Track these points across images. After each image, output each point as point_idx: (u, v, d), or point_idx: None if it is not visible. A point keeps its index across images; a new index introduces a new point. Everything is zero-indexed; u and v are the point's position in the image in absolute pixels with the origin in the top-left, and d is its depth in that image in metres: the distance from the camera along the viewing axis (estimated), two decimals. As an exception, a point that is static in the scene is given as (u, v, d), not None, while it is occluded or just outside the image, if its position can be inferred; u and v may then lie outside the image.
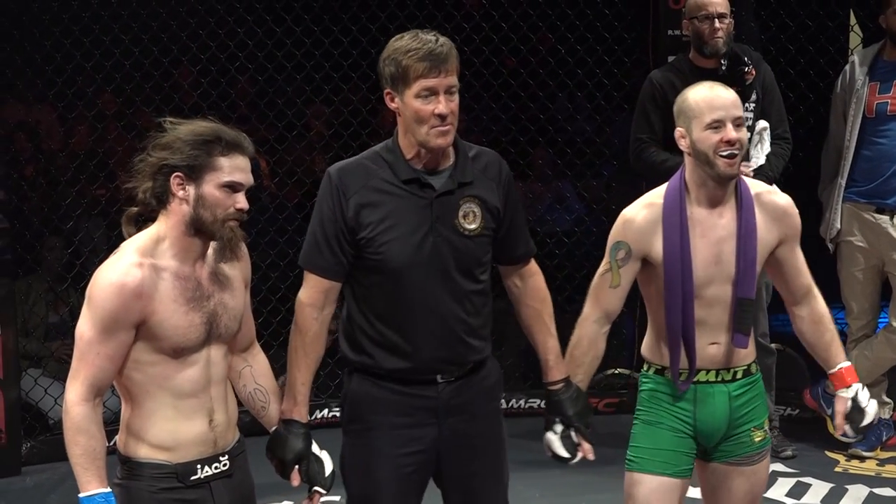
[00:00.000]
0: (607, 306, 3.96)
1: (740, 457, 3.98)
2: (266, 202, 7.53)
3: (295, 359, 3.73)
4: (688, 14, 6.03)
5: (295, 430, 3.70)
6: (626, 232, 3.91)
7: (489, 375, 3.87)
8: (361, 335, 3.75)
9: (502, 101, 7.60)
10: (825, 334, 4.04)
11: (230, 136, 3.36)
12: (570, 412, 3.88)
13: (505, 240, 3.82)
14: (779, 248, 3.96)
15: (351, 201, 3.65)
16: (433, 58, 3.54)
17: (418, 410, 3.75)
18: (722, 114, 3.78)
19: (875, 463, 6.38)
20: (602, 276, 3.95)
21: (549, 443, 3.90)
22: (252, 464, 3.66)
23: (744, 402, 3.97)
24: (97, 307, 3.28)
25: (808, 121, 7.21)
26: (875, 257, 6.34)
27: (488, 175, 3.76)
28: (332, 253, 3.67)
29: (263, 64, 7.19)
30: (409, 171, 3.66)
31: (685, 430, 3.95)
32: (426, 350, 3.70)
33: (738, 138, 3.77)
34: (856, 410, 3.97)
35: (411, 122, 3.61)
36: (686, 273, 3.84)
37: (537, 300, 3.91)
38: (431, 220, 3.65)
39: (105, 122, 7.19)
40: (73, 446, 3.28)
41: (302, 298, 3.73)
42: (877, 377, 6.44)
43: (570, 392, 3.90)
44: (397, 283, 3.66)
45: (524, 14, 7.38)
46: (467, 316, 3.73)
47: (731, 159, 3.78)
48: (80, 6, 6.72)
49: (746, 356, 3.98)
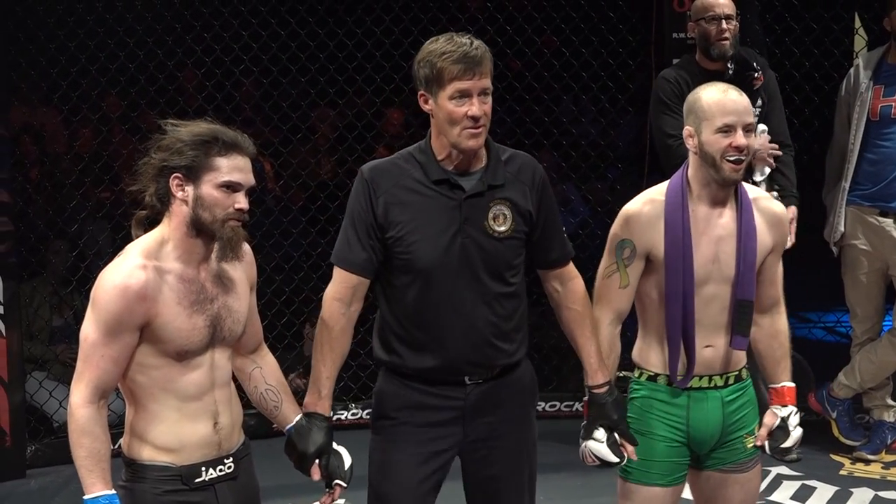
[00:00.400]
0: (619, 307, 3.95)
1: (734, 464, 3.97)
2: (271, 205, 7.53)
3: (320, 353, 3.73)
4: (694, 16, 6.03)
5: (318, 424, 3.69)
6: (630, 228, 3.89)
7: (521, 378, 3.87)
8: (391, 334, 3.76)
9: (507, 103, 7.60)
10: (778, 350, 4.05)
11: (228, 137, 3.36)
12: (615, 416, 3.87)
13: (539, 243, 3.82)
14: (768, 256, 3.97)
15: (381, 199, 3.66)
16: (468, 60, 3.56)
17: (444, 411, 3.75)
18: (734, 119, 3.77)
19: (880, 466, 6.37)
20: (609, 278, 3.93)
21: (595, 451, 3.85)
22: (257, 466, 3.66)
23: (736, 407, 3.96)
24: (101, 309, 3.28)
25: (812, 124, 7.21)
26: (879, 260, 6.33)
27: (521, 178, 3.76)
28: (362, 249, 3.68)
29: (268, 67, 7.20)
30: (440, 172, 3.67)
31: (678, 438, 3.93)
32: (453, 351, 3.70)
33: (746, 145, 3.77)
34: (781, 430, 3.96)
35: (444, 124, 3.63)
36: (687, 269, 3.83)
37: (578, 303, 3.89)
38: (460, 221, 3.66)
39: (110, 124, 7.21)
40: (78, 448, 3.28)
41: (330, 294, 3.74)
42: (881, 380, 6.43)
43: (614, 396, 3.89)
44: (425, 284, 3.67)
45: (529, 17, 7.40)
46: (496, 318, 3.73)
47: (738, 164, 3.77)
48: (84, 9, 6.73)
49: (738, 361, 3.97)
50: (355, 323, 3.76)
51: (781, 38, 7.13)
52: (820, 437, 6.60)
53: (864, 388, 6.46)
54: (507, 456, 3.85)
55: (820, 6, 7.07)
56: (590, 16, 7.31)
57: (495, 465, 3.83)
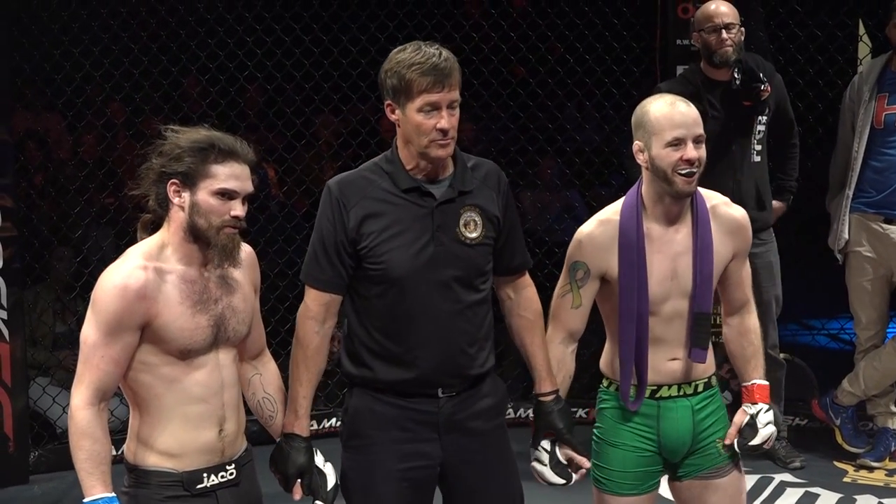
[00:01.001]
0: (570, 326, 3.95)
1: (710, 469, 3.96)
2: (274, 211, 7.54)
3: (296, 372, 3.72)
4: (696, 27, 6.06)
5: (296, 445, 3.69)
6: (583, 251, 3.88)
7: (493, 392, 3.86)
8: (361, 347, 3.73)
9: (511, 110, 7.61)
10: (748, 348, 4.05)
11: (225, 144, 3.37)
12: (561, 425, 3.87)
13: (503, 250, 3.81)
14: (731, 262, 3.96)
15: (352, 213, 3.65)
16: (437, 73, 3.54)
17: (419, 425, 3.72)
18: (683, 132, 3.74)
19: (884, 473, 6.36)
20: (563, 298, 3.93)
21: (539, 473, 3.89)
22: (259, 473, 3.66)
23: (706, 414, 3.96)
24: (101, 310, 3.29)
25: (816, 131, 7.21)
26: (883, 267, 6.33)
27: (488, 184, 3.76)
28: (331, 266, 3.67)
29: (272, 73, 7.20)
30: (410, 181, 3.66)
31: (649, 447, 3.93)
32: (427, 361, 3.67)
33: (697, 157, 3.74)
34: (750, 427, 3.95)
35: (412, 134, 3.61)
36: (641, 290, 3.82)
37: (530, 311, 3.90)
38: (433, 228, 3.65)
39: (114, 130, 7.21)
40: (78, 450, 3.29)
41: (303, 312, 3.73)
42: (885, 387, 6.43)
43: (561, 404, 3.90)
44: (398, 293, 3.65)
45: (533, 24, 7.39)
46: (469, 326, 3.72)
47: (690, 177, 3.75)
48: (89, 15, 6.74)
49: (706, 369, 3.97)
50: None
51: (785, 46, 7.12)
52: (823, 444, 6.61)
53: (867, 395, 6.45)
54: (489, 469, 3.82)
55: (824, 13, 7.07)
56: (594, 22, 7.31)
57: (478, 479, 3.80)
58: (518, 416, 7.03)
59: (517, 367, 6.71)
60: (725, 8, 5.97)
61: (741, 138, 6.03)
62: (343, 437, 3.84)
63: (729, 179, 5.87)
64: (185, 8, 6.96)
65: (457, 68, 3.59)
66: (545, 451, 3.86)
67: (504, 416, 3.97)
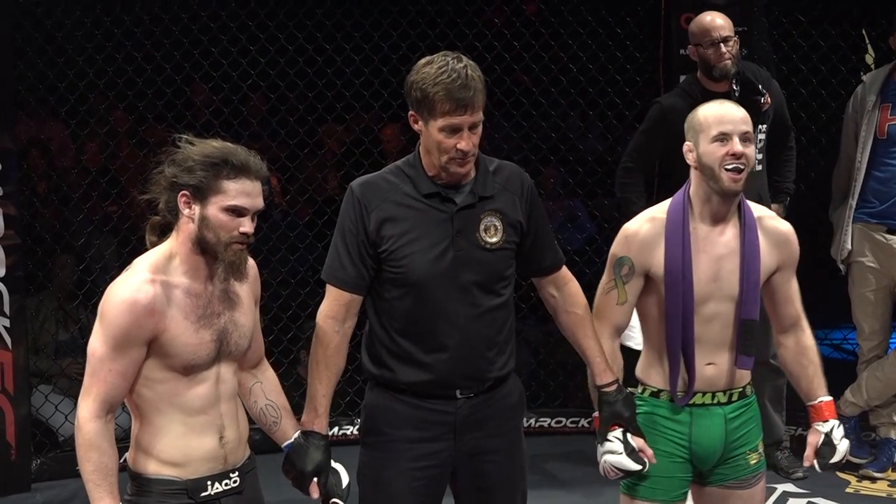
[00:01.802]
0: (617, 322, 3.95)
1: (737, 480, 3.96)
2: (277, 220, 7.54)
3: (316, 371, 3.72)
4: (692, 40, 6.02)
5: (315, 442, 3.69)
6: (629, 246, 3.90)
7: (510, 394, 3.86)
8: (381, 348, 3.75)
9: (514, 119, 7.61)
10: (809, 367, 4.03)
11: (238, 160, 3.36)
12: (627, 413, 3.85)
13: (532, 251, 3.82)
14: (775, 275, 3.96)
15: (373, 215, 3.66)
16: (461, 97, 3.52)
17: (435, 425, 3.74)
18: (730, 127, 3.78)
19: (886, 484, 6.36)
20: (608, 294, 3.94)
21: (616, 464, 3.82)
22: (263, 481, 3.66)
23: (739, 424, 3.95)
24: (109, 324, 3.29)
25: (819, 141, 7.22)
26: (886, 278, 6.33)
27: (510, 188, 3.77)
28: (353, 266, 3.68)
29: (276, 82, 7.20)
30: (431, 186, 3.67)
31: (681, 454, 3.92)
32: (445, 364, 3.69)
33: (743, 152, 3.76)
34: (827, 445, 3.95)
35: (433, 149, 3.63)
36: (687, 288, 3.82)
37: (577, 306, 3.90)
38: (452, 233, 3.66)
39: (117, 139, 7.21)
40: (86, 462, 3.29)
41: (323, 311, 3.74)
42: (888, 398, 6.42)
43: (623, 394, 3.88)
44: (418, 297, 3.66)
45: (537, 32, 7.39)
46: (488, 330, 3.73)
47: (737, 174, 3.77)
48: (92, 23, 6.74)
49: (742, 378, 3.96)
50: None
51: (789, 55, 7.13)
52: (826, 454, 6.59)
53: (870, 405, 6.44)
54: (501, 470, 3.84)
55: (827, 23, 7.07)
56: (597, 32, 7.31)
57: (489, 479, 3.82)
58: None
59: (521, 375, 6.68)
60: (721, 20, 5.92)
61: None
62: (361, 433, 3.88)
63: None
64: (188, 17, 6.97)
65: (481, 88, 3.58)
66: (618, 440, 3.82)
67: (521, 418, 3.98)
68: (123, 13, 6.81)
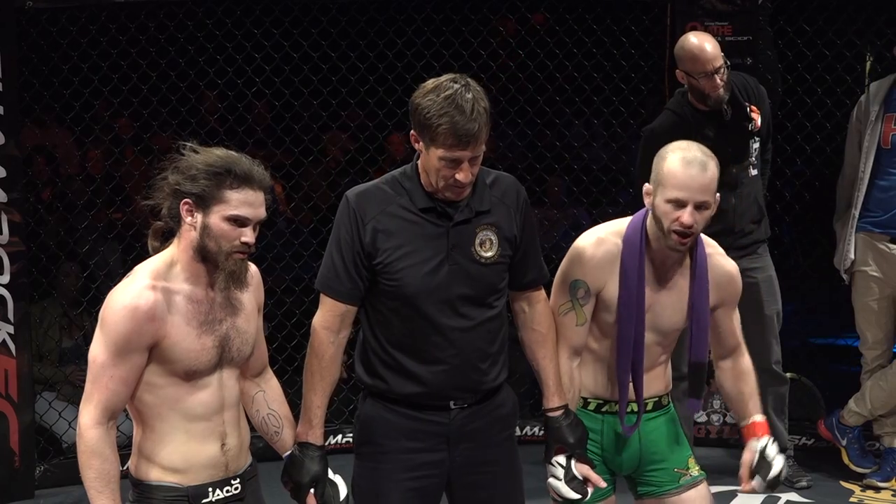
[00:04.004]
0: (575, 343, 3.96)
1: (669, 491, 4.01)
2: (282, 227, 7.55)
3: (311, 382, 3.72)
4: (681, 66, 5.88)
5: (311, 454, 3.70)
6: (584, 269, 3.91)
7: (504, 404, 3.86)
8: (375, 359, 3.74)
9: (519, 127, 7.61)
10: (745, 388, 4.08)
11: (241, 170, 3.36)
12: (571, 439, 3.86)
13: (518, 265, 3.80)
14: (717, 311, 4.01)
15: (368, 226, 3.64)
16: (464, 134, 3.48)
17: (429, 436, 3.74)
18: (686, 195, 3.74)
19: (890, 493, 6.34)
20: (566, 315, 3.94)
21: (555, 489, 3.86)
22: (264, 489, 3.66)
23: (653, 429, 4.02)
24: (110, 330, 3.29)
25: (823, 150, 7.21)
26: (890, 287, 6.32)
27: (506, 201, 3.76)
28: (348, 277, 3.67)
29: (280, 89, 7.21)
30: (427, 201, 3.65)
31: (595, 459, 3.95)
32: (439, 376, 3.68)
33: (692, 223, 3.75)
34: (763, 462, 3.95)
35: (430, 171, 3.61)
36: (640, 317, 3.86)
37: (543, 325, 3.90)
38: (447, 248, 3.64)
39: (121, 146, 7.23)
40: (88, 469, 3.29)
41: (318, 322, 3.73)
42: (891, 407, 6.41)
43: (570, 418, 3.89)
44: (412, 310, 3.65)
45: (541, 41, 7.40)
46: (482, 342, 3.72)
47: (684, 238, 3.77)
48: (98, 31, 6.75)
49: (658, 388, 4.02)
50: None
51: (794, 65, 7.12)
52: (830, 464, 6.59)
53: (874, 415, 6.44)
54: (496, 480, 3.84)
55: (832, 32, 7.07)
56: (602, 41, 7.31)
57: (485, 490, 3.82)
58: (524, 434, 7.03)
59: (524, 384, 6.70)
60: (711, 49, 5.77)
61: (739, 160, 5.97)
62: (355, 444, 3.87)
63: (730, 197, 5.85)
64: (194, 24, 6.98)
65: (485, 122, 3.53)
66: (560, 465, 3.85)
67: (514, 427, 3.97)
68: (128, 21, 6.82)
